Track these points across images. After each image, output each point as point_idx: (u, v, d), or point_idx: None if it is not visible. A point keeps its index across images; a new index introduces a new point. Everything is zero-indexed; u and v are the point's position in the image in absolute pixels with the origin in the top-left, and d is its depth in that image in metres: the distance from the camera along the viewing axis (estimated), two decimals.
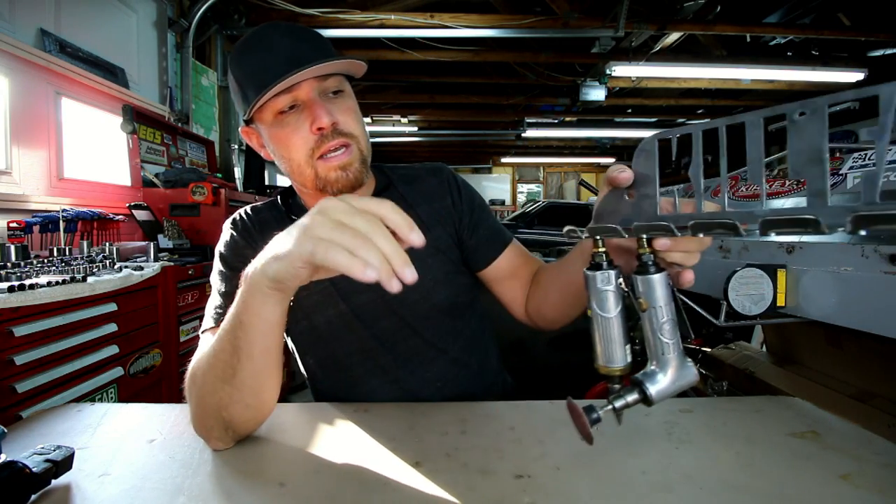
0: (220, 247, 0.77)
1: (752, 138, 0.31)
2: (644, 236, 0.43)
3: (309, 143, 0.67)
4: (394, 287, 0.38)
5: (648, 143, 0.42)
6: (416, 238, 0.40)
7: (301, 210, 0.81)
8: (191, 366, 0.57)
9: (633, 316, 0.47)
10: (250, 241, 0.76)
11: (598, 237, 0.46)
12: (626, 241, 0.47)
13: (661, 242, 0.43)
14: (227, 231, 0.78)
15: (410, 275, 0.38)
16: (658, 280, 0.44)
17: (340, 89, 0.70)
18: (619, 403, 0.45)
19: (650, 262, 0.44)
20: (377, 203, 0.41)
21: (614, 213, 0.46)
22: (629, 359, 0.47)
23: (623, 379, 0.47)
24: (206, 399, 0.53)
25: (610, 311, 0.45)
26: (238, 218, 0.80)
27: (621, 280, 0.46)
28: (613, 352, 0.46)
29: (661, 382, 0.45)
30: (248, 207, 0.82)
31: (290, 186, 0.83)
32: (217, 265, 0.75)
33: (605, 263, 0.46)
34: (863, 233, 0.25)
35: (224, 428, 0.54)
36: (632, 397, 0.45)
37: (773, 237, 0.29)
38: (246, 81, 0.67)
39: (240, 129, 0.77)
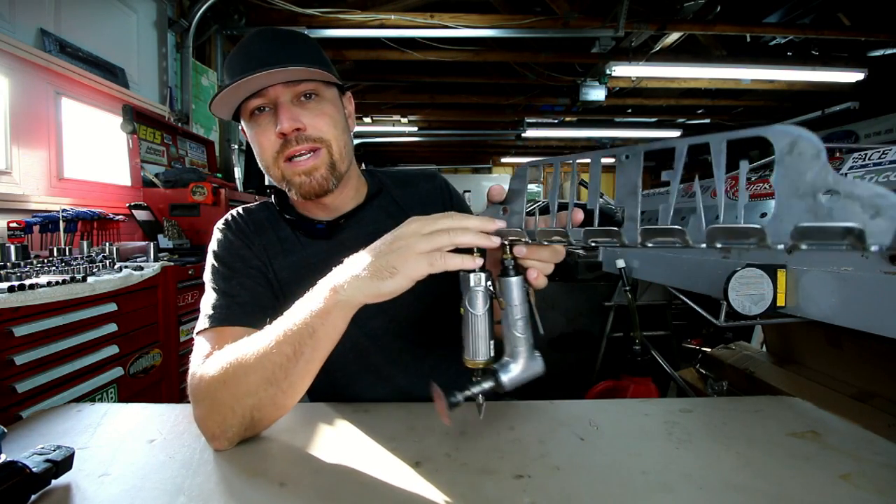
0: (213, 247, 0.77)
1: (627, 171, 0.39)
2: (506, 243, 0.51)
3: (275, 146, 0.69)
4: (495, 241, 0.50)
5: (522, 170, 0.50)
6: (497, 224, 0.50)
7: (294, 211, 0.82)
8: (208, 367, 0.57)
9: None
10: (246, 241, 0.76)
11: (504, 243, 0.52)
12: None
13: (518, 249, 0.51)
14: (220, 232, 0.78)
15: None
16: (514, 282, 0.51)
17: (314, 93, 0.71)
18: (476, 389, 0.51)
19: (510, 266, 0.52)
20: (459, 218, 0.51)
21: None
22: (492, 354, 0.53)
23: (486, 371, 0.53)
24: (240, 400, 0.54)
25: (478, 309, 0.51)
26: (231, 219, 0.80)
27: (490, 283, 0.52)
28: (479, 347, 0.52)
29: (513, 371, 0.52)
30: (240, 209, 0.83)
31: None
32: (212, 265, 0.75)
33: (511, 268, 0.52)
34: (650, 244, 0.37)
35: (245, 427, 0.55)
36: (487, 384, 0.52)
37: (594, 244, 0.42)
38: (225, 79, 0.70)
39: (240, 126, 0.79)
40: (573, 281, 2.32)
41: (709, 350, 1.83)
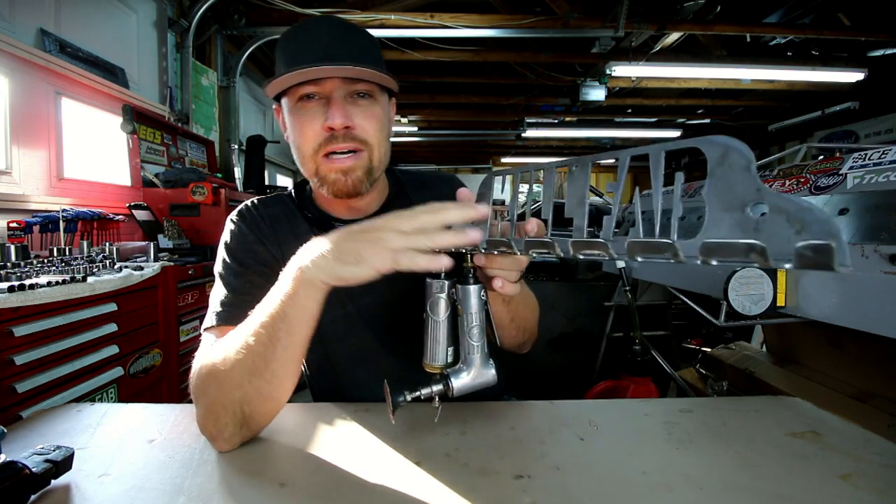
0: (226, 237, 0.75)
1: (577, 182, 0.40)
2: (464, 251, 0.52)
3: (318, 139, 0.67)
4: (475, 237, 0.47)
5: (486, 183, 0.51)
6: (480, 210, 0.48)
7: (312, 205, 0.80)
8: (200, 365, 0.57)
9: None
10: (259, 236, 0.74)
11: (463, 251, 0.52)
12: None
13: (478, 258, 0.52)
14: (233, 223, 0.76)
15: (473, 236, 0.47)
16: (472, 290, 0.52)
17: (369, 94, 0.69)
18: (425, 391, 0.52)
19: (469, 275, 0.52)
20: (428, 208, 0.48)
21: None
22: (450, 359, 0.54)
23: (443, 376, 0.54)
24: (228, 394, 0.53)
25: (439, 315, 0.52)
26: (245, 210, 0.78)
27: (454, 291, 0.53)
28: (437, 352, 0.53)
29: (464, 379, 0.53)
30: (255, 200, 0.81)
31: (304, 181, 0.82)
32: (223, 258, 0.73)
33: (470, 276, 0.53)
34: (580, 257, 0.38)
35: (239, 424, 0.54)
36: (437, 388, 0.52)
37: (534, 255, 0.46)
38: (280, 62, 0.69)
39: (273, 106, 0.77)
40: (573, 281, 2.32)
41: (709, 350, 1.83)
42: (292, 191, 0.83)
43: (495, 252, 0.48)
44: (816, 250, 0.24)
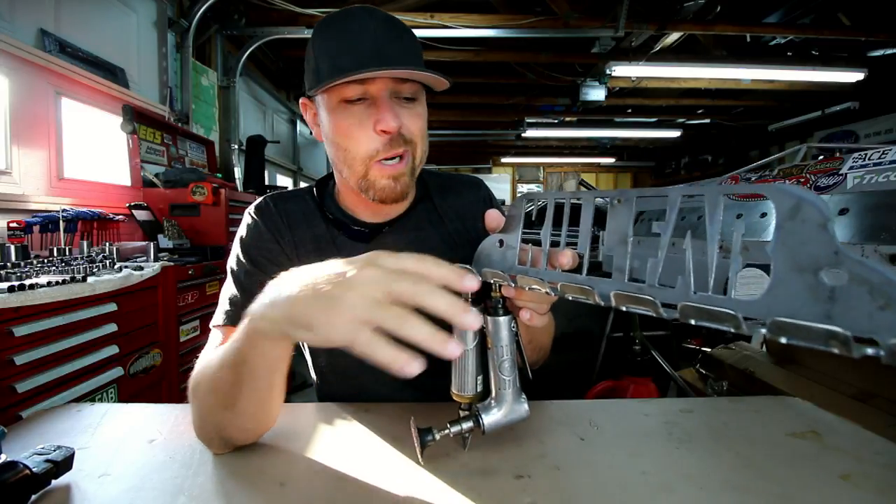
0: (242, 232, 0.73)
1: (618, 217, 0.36)
2: (494, 281, 0.48)
3: (374, 143, 0.63)
4: (448, 353, 0.36)
5: (516, 207, 0.47)
6: (469, 283, 0.39)
7: (335, 205, 0.77)
8: (196, 370, 0.56)
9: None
10: (276, 234, 0.72)
11: (491, 282, 0.49)
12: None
13: (507, 290, 0.48)
14: (251, 217, 0.74)
15: (452, 350, 0.36)
16: (502, 322, 0.49)
17: (414, 97, 0.66)
18: (455, 429, 0.50)
19: (499, 305, 0.49)
20: (415, 261, 0.39)
21: (489, 256, 0.50)
22: (480, 388, 0.51)
23: (472, 406, 0.51)
24: (206, 418, 0.53)
25: (468, 344, 0.49)
26: (264, 205, 0.75)
27: (483, 320, 0.49)
28: (466, 381, 0.51)
29: (495, 415, 0.50)
30: (274, 195, 0.78)
31: (327, 176, 0.79)
32: (237, 254, 0.71)
33: (500, 307, 0.49)
34: (623, 308, 0.33)
35: (223, 444, 0.54)
36: (467, 425, 0.50)
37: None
38: (322, 56, 0.64)
39: (300, 100, 0.73)
40: None
41: (709, 350, 1.83)
42: (314, 188, 0.79)
43: (525, 288, 0.44)
44: None
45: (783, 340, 0.25)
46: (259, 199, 0.77)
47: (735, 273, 0.27)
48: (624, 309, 0.33)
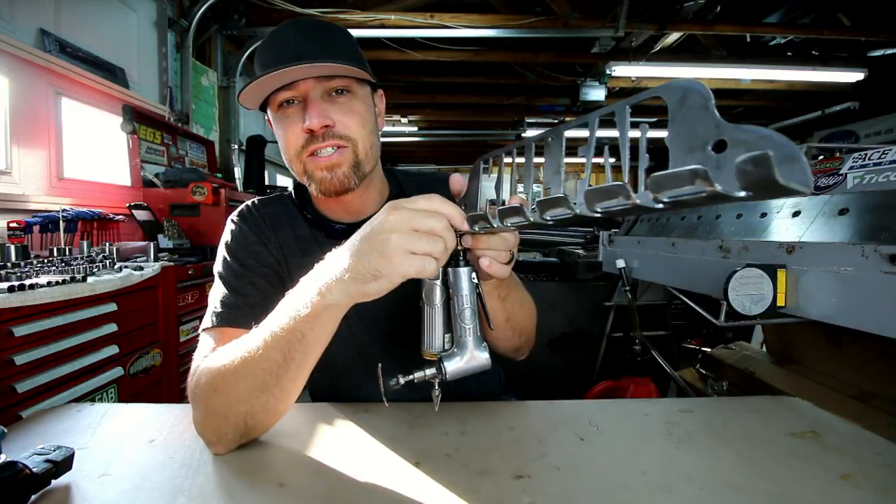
0: (227, 238, 0.75)
1: (552, 153, 0.42)
2: (456, 233, 0.51)
3: (300, 141, 0.68)
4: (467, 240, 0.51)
5: (477, 165, 0.53)
6: (466, 225, 0.49)
7: (311, 207, 0.79)
8: (201, 369, 0.56)
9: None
10: (261, 237, 0.74)
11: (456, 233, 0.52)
12: None
13: (465, 239, 0.52)
14: (234, 224, 0.76)
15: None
16: (462, 273, 0.53)
17: (346, 89, 0.69)
18: (418, 374, 0.53)
19: (459, 258, 0.53)
20: (439, 202, 0.48)
21: None
22: (447, 346, 0.54)
23: (437, 360, 0.54)
24: (232, 408, 0.53)
25: (435, 302, 0.53)
26: (246, 211, 0.78)
27: (447, 276, 0.53)
28: (434, 338, 0.54)
29: (457, 363, 0.53)
30: (255, 200, 0.80)
31: None
32: (224, 257, 0.73)
33: (461, 259, 0.53)
34: (548, 218, 0.39)
35: (241, 434, 0.54)
36: (430, 371, 0.53)
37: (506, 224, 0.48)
38: (258, 68, 0.69)
39: (265, 118, 0.78)
40: (573, 281, 2.32)
41: (709, 350, 1.83)
42: (293, 191, 0.82)
43: (477, 228, 0.49)
44: (755, 162, 0.22)
45: (665, 198, 0.28)
46: (240, 207, 0.79)
47: (643, 168, 0.30)
48: (549, 219, 0.38)
